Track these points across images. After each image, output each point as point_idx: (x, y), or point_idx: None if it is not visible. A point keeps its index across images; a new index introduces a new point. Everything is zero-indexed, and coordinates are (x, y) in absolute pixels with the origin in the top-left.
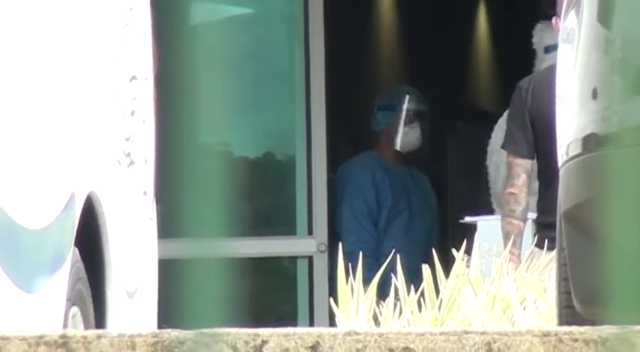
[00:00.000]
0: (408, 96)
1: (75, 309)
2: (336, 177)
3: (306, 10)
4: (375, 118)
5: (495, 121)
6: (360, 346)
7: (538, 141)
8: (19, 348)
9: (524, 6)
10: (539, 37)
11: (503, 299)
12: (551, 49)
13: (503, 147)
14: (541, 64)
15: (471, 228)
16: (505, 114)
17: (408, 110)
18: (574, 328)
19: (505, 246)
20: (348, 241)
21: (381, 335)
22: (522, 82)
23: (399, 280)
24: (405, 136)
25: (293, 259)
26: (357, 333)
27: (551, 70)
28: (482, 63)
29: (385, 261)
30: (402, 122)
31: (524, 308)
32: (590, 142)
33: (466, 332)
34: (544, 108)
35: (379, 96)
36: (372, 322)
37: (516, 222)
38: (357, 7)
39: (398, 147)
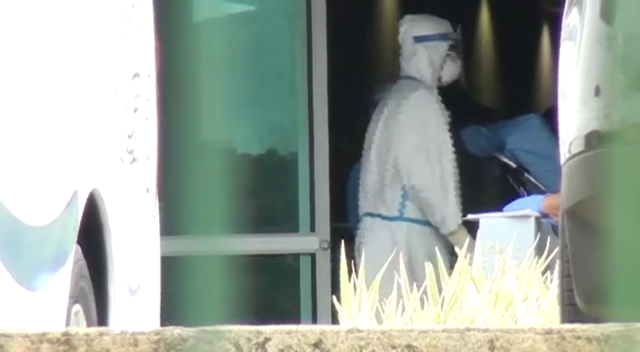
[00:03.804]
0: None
1: (77, 307)
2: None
3: (309, 7)
4: None
5: (496, 118)
6: (362, 343)
7: None
8: (21, 345)
9: (526, 5)
10: (406, 28)
11: (505, 297)
12: (420, 39)
13: None
14: (413, 53)
15: (474, 226)
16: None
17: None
18: (577, 325)
19: None
20: None
21: (383, 333)
22: None
23: (401, 277)
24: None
25: (295, 256)
26: (359, 331)
27: None
28: (483, 61)
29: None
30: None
31: (526, 306)
32: (593, 139)
33: (468, 330)
34: None
35: None
36: (374, 319)
37: None
38: (360, 3)
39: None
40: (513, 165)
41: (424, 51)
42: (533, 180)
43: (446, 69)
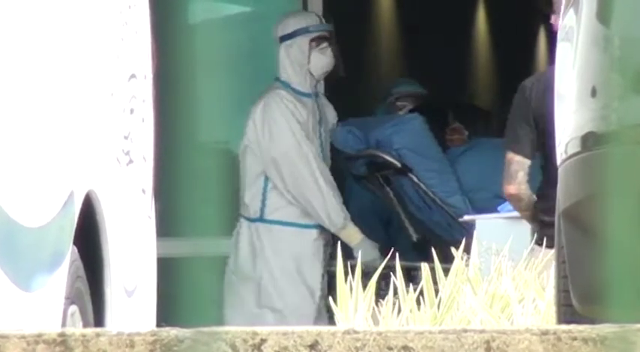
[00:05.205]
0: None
1: (74, 308)
2: None
3: (305, 8)
4: None
5: (493, 118)
6: (359, 344)
7: (542, 140)
8: (17, 346)
9: (523, 6)
10: (275, 31)
11: (502, 298)
12: (282, 39)
13: (506, 145)
14: (280, 55)
15: (470, 227)
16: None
17: None
18: (573, 326)
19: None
20: None
21: (380, 334)
22: (526, 82)
23: (398, 278)
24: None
25: None
26: (356, 332)
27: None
28: (481, 60)
29: None
30: None
31: (522, 307)
32: (589, 140)
33: (465, 331)
34: (548, 107)
35: None
36: (370, 321)
37: (525, 213)
38: (356, 4)
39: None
40: (398, 164)
41: (284, 50)
42: (415, 179)
43: (313, 62)
